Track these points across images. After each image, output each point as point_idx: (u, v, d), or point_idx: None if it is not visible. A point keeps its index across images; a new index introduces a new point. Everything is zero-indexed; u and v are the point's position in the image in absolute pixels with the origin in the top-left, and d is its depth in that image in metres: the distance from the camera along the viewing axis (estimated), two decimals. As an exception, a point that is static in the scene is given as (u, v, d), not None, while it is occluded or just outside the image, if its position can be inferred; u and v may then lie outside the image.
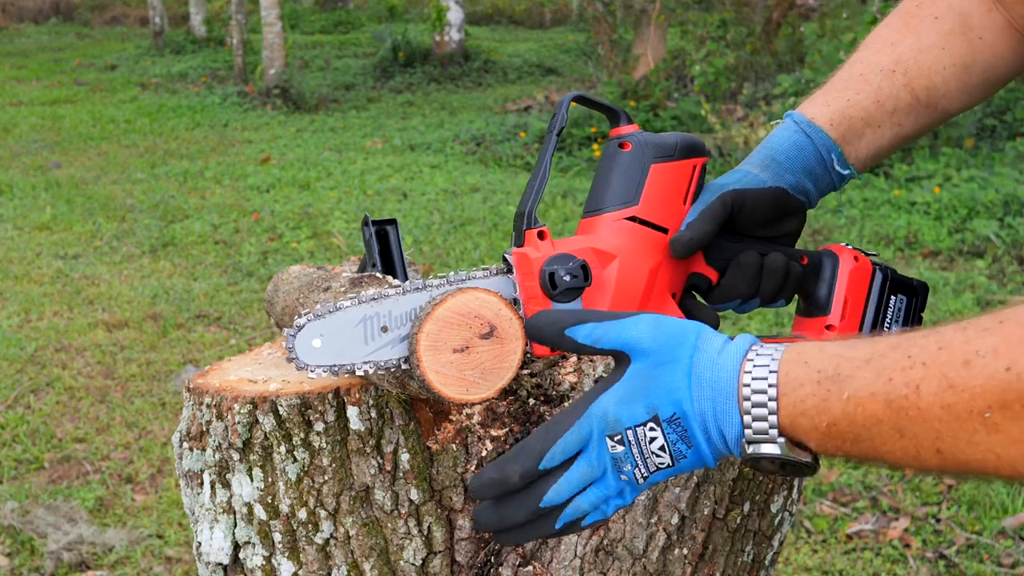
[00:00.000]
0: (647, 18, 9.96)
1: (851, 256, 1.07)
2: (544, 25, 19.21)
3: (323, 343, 0.92)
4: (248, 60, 12.55)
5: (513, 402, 1.17)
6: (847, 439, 0.75)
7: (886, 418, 0.72)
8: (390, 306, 0.93)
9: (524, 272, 0.94)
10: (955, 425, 0.68)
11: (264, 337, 4.75)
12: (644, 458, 0.84)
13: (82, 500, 3.35)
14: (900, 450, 0.72)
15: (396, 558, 1.14)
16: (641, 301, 0.97)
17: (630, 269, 0.96)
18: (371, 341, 0.93)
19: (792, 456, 0.78)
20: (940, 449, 0.70)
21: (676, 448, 0.83)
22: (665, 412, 0.81)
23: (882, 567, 2.97)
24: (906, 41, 1.15)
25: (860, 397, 0.73)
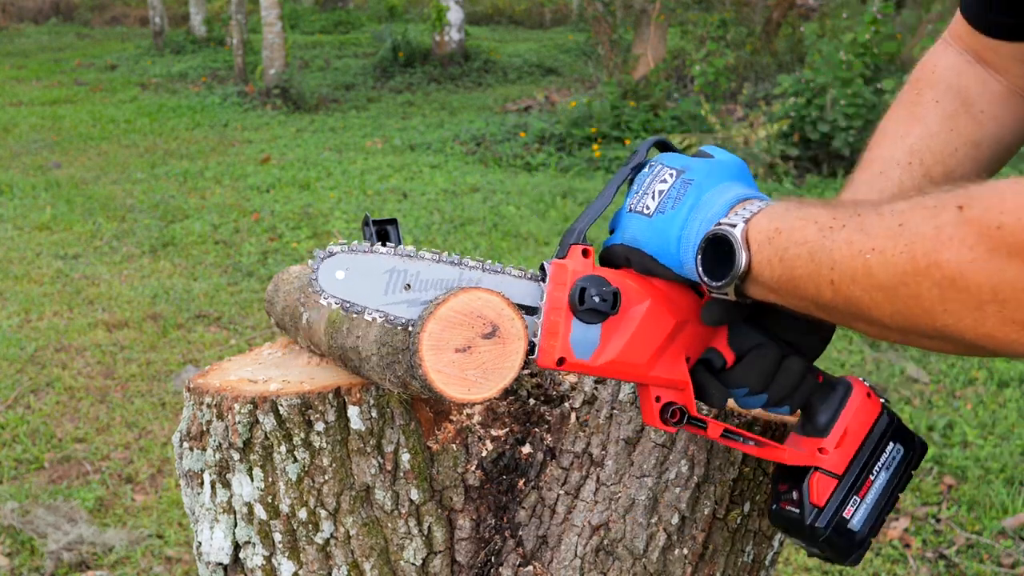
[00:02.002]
0: (647, 18, 9.96)
1: (864, 392, 1.07)
2: (544, 25, 19.20)
3: (346, 277, 0.93)
4: (248, 60, 12.54)
5: (513, 402, 1.17)
6: (777, 252, 0.85)
7: (810, 240, 0.82)
8: (420, 268, 0.94)
9: (557, 281, 0.94)
10: (848, 260, 0.78)
11: (264, 337, 4.75)
12: (643, 191, 0.96)
13: (82, 500, 3.35)
14: (807, 275, 0.82)
15: (396, 558, 1.14)
16: (656, 351, 0.97)
17: (656, 316, 0.96)
18: (390, 293, 0.94)
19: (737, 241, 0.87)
20: (833, 281, 0.80)
21: (664, 202, 0.94)
22: (688, 175, 0.94)
23: (882, 567, 2.97)
24: (915, 131, 1.17)
25: (806, 218, 0.84)
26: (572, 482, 1.17)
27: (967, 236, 0.71)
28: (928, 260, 0.73)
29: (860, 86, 7.54)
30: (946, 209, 0.73)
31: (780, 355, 1.02)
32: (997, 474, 3.40)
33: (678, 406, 0.99)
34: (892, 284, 0.76)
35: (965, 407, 3.90)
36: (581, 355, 0.94)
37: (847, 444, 1.05)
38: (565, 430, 1.17)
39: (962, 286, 0.71)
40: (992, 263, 0.69)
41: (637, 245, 0.96)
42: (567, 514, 1.16)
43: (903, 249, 0.75)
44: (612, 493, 1.16)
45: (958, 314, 0.73)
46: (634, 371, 0.97)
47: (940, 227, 0.73)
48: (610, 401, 1.17)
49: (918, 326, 0.77)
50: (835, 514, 1.04)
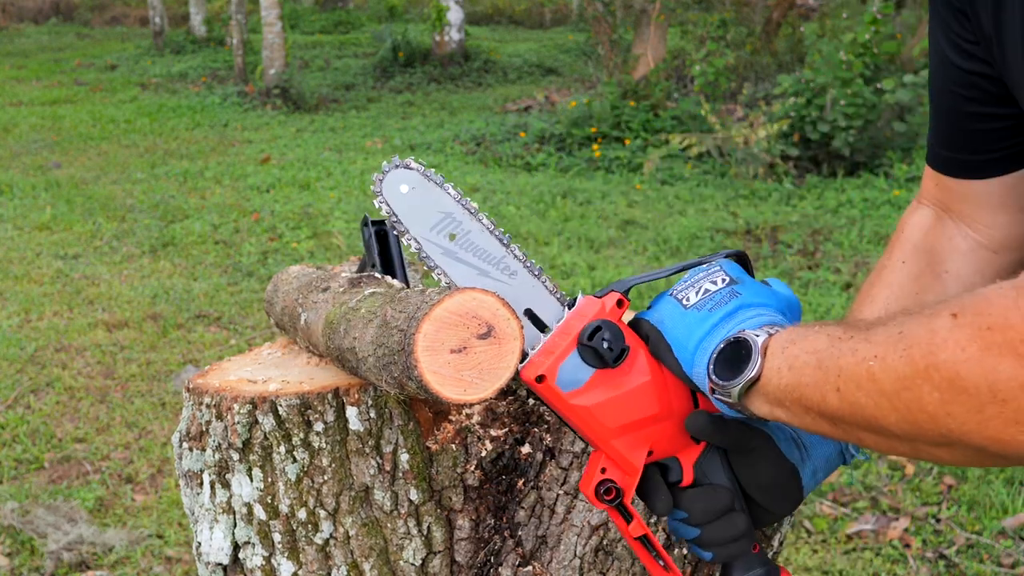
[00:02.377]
0: (647, 18, 9.96)
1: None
2: (544, 25, 19.20)
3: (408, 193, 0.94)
4: (248, 60, 12.55)
5: (513, 402, 1.17)
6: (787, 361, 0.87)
7: (820, 350, 0.85)
8: (472, 228, 0.95)
9: (581, 312, 0.95)
10: (853, 367, 0.81)
11: (264, 337, 4.75)
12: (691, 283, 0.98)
13: (82, 500, 3.35)
14: (813, 383, 0.84)
15: (396, 558, 1.14)
16: (628, 425, 0.96)
17: (647, 395, 0.96)
18: (434, 232, 0.95)
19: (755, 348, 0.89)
20: (839, 388, 0.82)
21: (705, 301, 0.95)
22: (739, 288, 0.97)
23: (882, 567, 2.97)
24: (883, 293, 1.19)
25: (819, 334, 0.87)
26: (571, 482, 1.17)
27: (960, 338, 0.73)
28: (926, 362, 0.75)
29: (860, 86, 7.53)
30: (940, 316, 0.76)
31: (731, 505, 1.00)
32: (997, 474, 3.40)
33: (616, 486, 0.98)
34: (895, 389, 0.77)
35: (965, 407, 3.89)
36: (561, 385, 0.94)
37: None
38: (564, 430, 1.17)
39: (960, 387, 0.73)
40: (986, 361, 0.71)
41: (661, 328, 0.96)
42: (566, 514, 1.16)
43: (902, 353, 0.77)
44: (611, 493, 1.16)
45: (961, 417, 0.74)
46: (598, 431, 0.96)
47: (935, 331, 0.75)
48: (609, 401, 1.17)
49: (924, 432, 0.78)
50: None
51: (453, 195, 0.94)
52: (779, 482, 1.02)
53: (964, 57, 1.05)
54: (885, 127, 7.67)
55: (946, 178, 1.18)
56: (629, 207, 6.88)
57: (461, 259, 0.94)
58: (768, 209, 6.74)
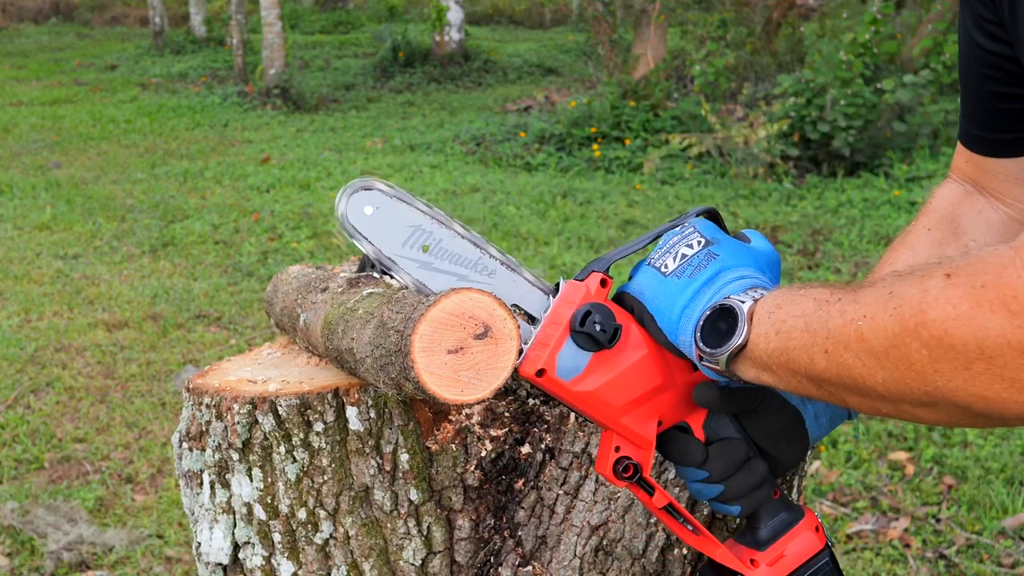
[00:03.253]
0: (647, 18, 9.96)
1: (813, 524, 1.06)
2: (544, 25, 19.20)
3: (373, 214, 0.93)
4: (248, 60, 12.55)
5: (512, 402, 1.17)
6: (774, 324, 0.87)
7: (807, 313, 0.85)
8: (444, 236, 0.94)
9: (567, 299, 0.95)
10: (841, 328, 0.81)
11: (264, 337, 4.75)
12: (667, 250, 0.97)
13: (82, 500, 3.35)
14: (802, 346, 0.84)
15: (396, 558, 1.14)
16: (634, 401, 0.96)
17: (647, 368, 0.96)
18: (406, 247, 0.94)
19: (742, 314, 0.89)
20: (827, 350, 0.82)
21: (683, 267, 0.95)
22: (716, 248, 0.96)
23: (882, 567, 2.97)
24: (903, 257, 1.19)
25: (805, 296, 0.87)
26: (571, 482, 1.17)
27: (951, 296, 0.74)
28: (916, 320, 0.75)
29: (860, 86, 7.54)
30: (933, 276, 0.76)
31: (748, 454, 1.01)
32: (997, 474, 3.40)
33: (633, 462, 0.98)
34: (883, 348, 0.78)
35: (965, 407, 3.89)
36: (562, 375, 0.93)
37: (780, 567, 1.04)
38: (564, 430, 1.18)
39: (948, 344, 0.74)
40: (976, 318, 0.72)
41: (642, 299, 0.96)
42: (566, 514, 1.16)
43: (891, 312, 0.77)
44: (611, 493, 1.16)
45: (948, 374, 0.75)
46: (605, 412, 0.96)
47: (926, 289, 0.76)
48: (609, 401, 1.17)
49: (910, 391, 0.78)
50: None
51: (419, 207, 0.94)
52: (785, 428, 1.04)
53: (988, 38, 1.06)
54: (885, 127, 7.67)
55: (976, 156, 1.18)
56: (629, 207, 6.88)
57: (438, 268, 0.94)
58: (768, 209, 6.74)
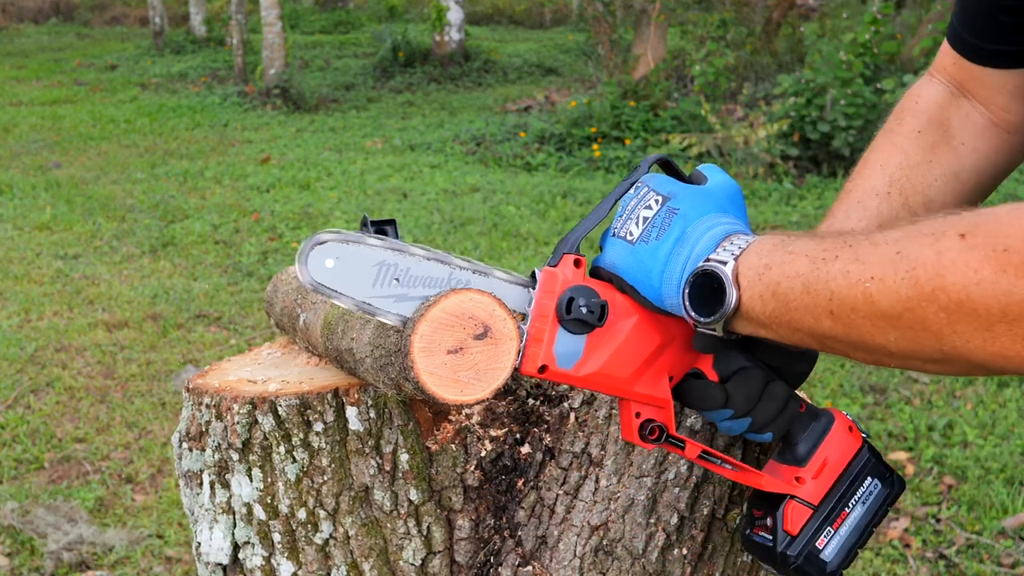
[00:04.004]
0: (647, 18, 9.96)
1: (846, 425, 1.07)
2: (544, 25, 19.20)
3: (336, 266, 0.92)
4: (248, 60, 12.55)
5: (512, 402, 1.17)
6: (769, 286, 0.86)
7: (803, 273, 0.83)
8: (410, 264, 0.94)
9: (546, 289, 0.94)
10: (846, 290, 0.79)
11: (264, 337, 4.75)
12: (628, 216, 0.95)
13: (82, 500, 3.35)
14: (803, 307, 0.83)
15: (395, 558, 1.14)
16: (640, 367, 0.96)
17: (643, 332, 0.96)
18: (378, 287, 0.93)
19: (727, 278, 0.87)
20: (832, 311, 0.81)
21: (649, 231, 0.93)
22: (675, 202, 0.93)
23: (882, 567, 2.97)
24: (895, 160, 1.18)
25: (796, 253, 0.85)
26: (571, 482, 1.17)
27: (971, 260, 0.72)
28: (933, 285, 0.74)
29: (860, 86, 7.54)
30: (946, 236, 0.74)
31: (765, 380, 1.01)
32: (997, 474, 3.40)
33: (657, 424, 0.98)
34: (896, 311, 0.76)
35: (965, 407, 3.90)
36: (564, 364, 0.93)
37: (825, 475, 1.05)
38: (564, 430, 1.18)
39: (970, 309, 0.72)
40: (1000, 283, 0.71)
41: (617, 272, 0.95)
42: (566, 514, 1.16)
43: (904, 276, 0.75)
44: (611, 493, 1.16)
45: (967, 335, 0.74)
46: (616, 385, 0.96)
47: (942, 252, 0.74)
48: (609, 401, 1.17)
49: (924, 349, 0.77)
50: (807, 543, 1.04)
51: (374, 243, 0.93)
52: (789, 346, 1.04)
53: None
54: (883, 129, 7.67)
55: (966, 61, 1.17)
56: (629, 207, 6.88)
57: (414, 296, 0.94)
58: (768, 209, 6.74)
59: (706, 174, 0.98)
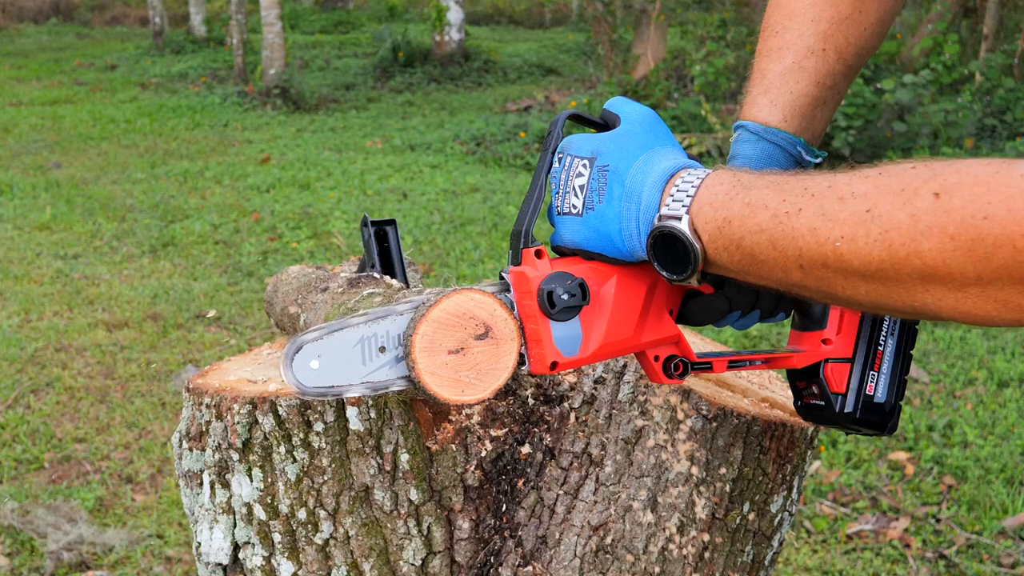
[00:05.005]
0: (647, 18, 9.95)
1: None
2: (544, 25, 19.20)
3: (320, 364, 0.92)
4: (248, 60, 12.55)
5: (513, 402, 1.17)
6: (733, 240, 0.84)
7: (767, 228, 0.81)
8: (388, 327, 0.93)
9: (522, 291, 0.94)
10: (815, 247, 0.78)
11: (264, 337, 4.75)
12: (565, 190, 0.94)
13: (82, 500, 3.35)
14: (771, 261, 0.82)
15: (396, 558, 1.14)
16: (638, 319, 0.97)
17: (627, 288, 0.96)
18: (369, 362, 0.93)
19: (688, 236, 0.86)
20: (802, 266, 0.80)
21: (590, 196, 0.92)
22: (602, 160, 0.92)
23: (882, 567, 2.97)
24: (825, 15, 1.16)
25: (755, 205, 0.83)
26: (571, 482, 1.17)
27: (948, 225, 0.70)
28: (907, 250, 0.73)
29: (860, 86, 7.54)
30: (919, 195, 0.72)
31: None
32: (997, 474, 3.40)
33: (679, 358, 1.00)
34: (869, 271, 0.76)
35: (965, 407, 3.90)
36: (570, 352, 0.94)
37: (847, 327, 1.06)
38: (565, 430, 1.17)
39: (944, 273, 0.72)
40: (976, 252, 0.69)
41: (578, 247, 0.95)
42: (566, 514, 1.16)
43: (877, 238, 0.74)
44: (612, 493, 1.16)
45: (939, 295, 0.73)
46: (625, 345, 0.97)
47: (916, 215, 0.72)
48: (609, 401, 1.17)
49: (894, 303, 0.77)
50: (859, 395, 1.06)
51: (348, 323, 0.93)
52: None
53: None
54: (885, 127, 7.67)
55: None
56: (629, 207, 6.88)
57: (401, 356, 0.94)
58: (768, 209, 6.74)
59: (616, 112, 0.97)
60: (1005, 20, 9.13)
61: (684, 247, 0.87)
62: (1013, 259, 0.68)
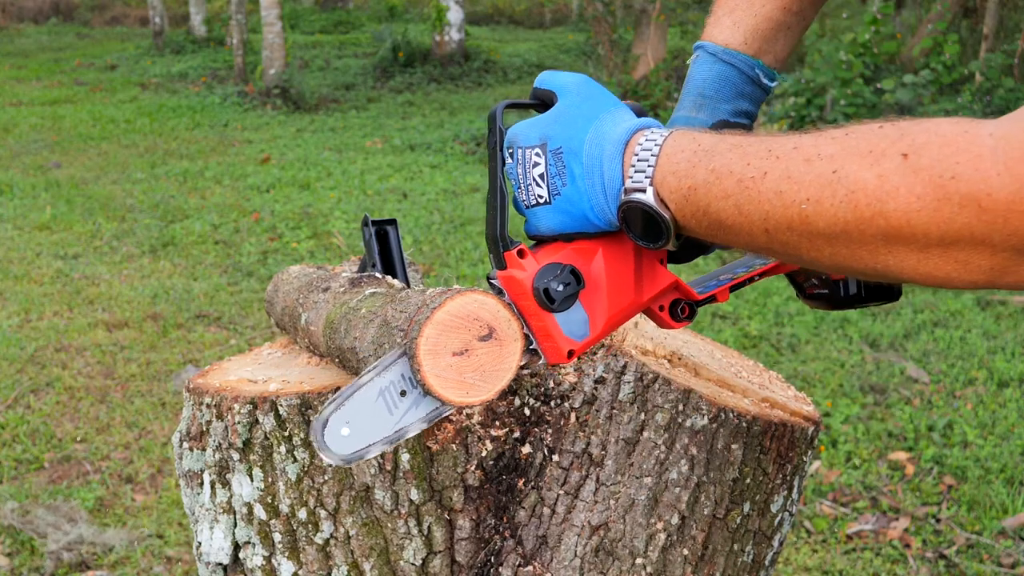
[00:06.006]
0: (647, 18, 9.95)
1: None
2: (544, 25, 19.20)
3: (351, 430, 0.92)
4: (248, 60, 12.54)
5: (513, 402, 1.17)
6: (699, 208, 0.84)
7: (733, 194, 0.80)
8: (399, 371, 0.93)
9: (516, 293, 0.94)
10: (781, 210, 0.77)
11: (264, 337, 4.75)
12: (526, 183, 0.93)
13: (82, 500, 3.35)
14: (737, 226, 0.81)
15: (396, 558, 1.14)
16: (634, 282, 0.97)
17: (615, 256, 0.96)
18: (393, 413, 0.93)
19: (656, 208, 0.85)
20: (768, 230, 0.79)
21: (553, 182, 0.91)
22: (553, 143, 0.91)
23: (882, 567, 2.97)
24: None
25: (720, 172, 0.82)
26: (572, 482, 1.17)
27: (915, 185, 0.70)
28: (872, 210, 0.72)
29: (860, 86, 7.54)
30: (886, 156, 0.72)
31: None
32: (997, 474, 3.40)
33: (683, 302, 1.02)
34: (833, 232, 0.75)
35: (965, 407, 3.90)
36: (582, 336, 0.95)
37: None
38: (565, 430, 1.18)
39: (908, 233, 0.72)
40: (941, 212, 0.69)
41: (555, 233, 0.94)
42: (567, 514, 1.16)
43: (844, 199, 0.74)
44: (612, 493, 1.16)
45: (901, 255, 0.74)
46: (631, 309, 0.98)
47: (883, 175, 0.72)
48: (610, 401, 1.17)
49: (857, 265, 0.77)
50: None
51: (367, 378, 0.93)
52: None
53: None
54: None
55: None
56: (629, 207, 6.88)
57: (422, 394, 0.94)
58: (768, 209, 6.74)
59: (549, 88, 0.96)
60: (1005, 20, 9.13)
61: (654, 219, 0.87)
62: (978, 219, 0.68)
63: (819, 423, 1.25)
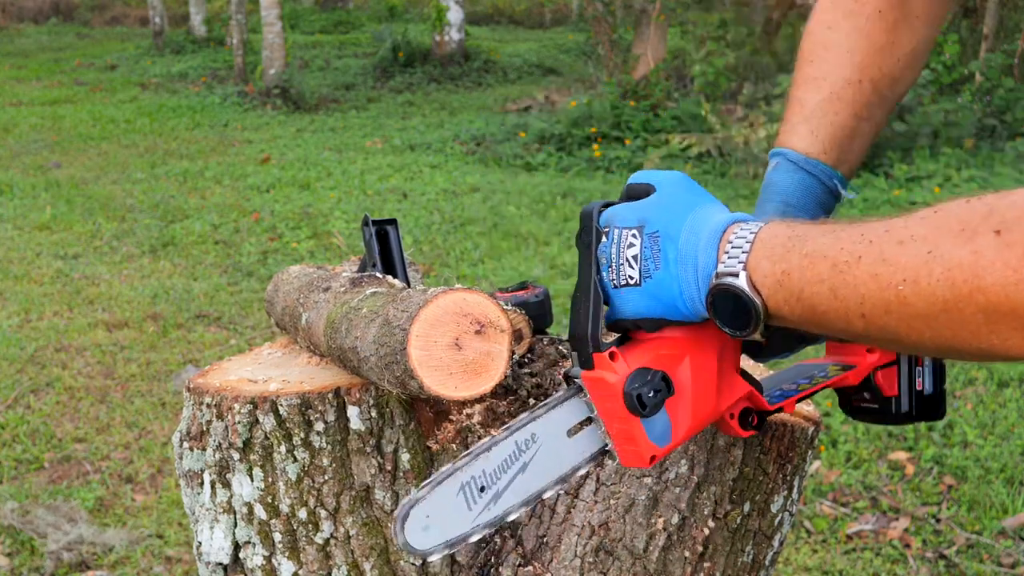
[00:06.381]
0: (647, 18, 9.96)
1: None
2: (544, 25, 19.21)
3: (430, 523, 0.91)
4: (248, 60, 12.55)
5: (513, 402, 1.17)
6: (793, 293, 0.83)
7: (827, 278, 0.81)
8: (483, 465, 0.92)
9: (603, 395, 0.93)
10: (877, 293, 0.77)
11: (264, 337, 4.75)
12: (618, 263, 0.92)
13: (82, 500, 3.35)
14: (832, 311, 0.81)
15: (396, 558, 1.14)
16: (715, 390, 0.96)
17: (701, 363, 0.95)
18: (474, 507, 0.92)
19: (747, 292, 0.85)
20: (864, 314, 0.79)
21: (646, 264, 0.90)
22: (651, 227, 0.91)
23: (882, 567, 2.97)
24: (860, 46, 1.18)
25: (814, 256, 0.82)
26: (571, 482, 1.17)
27: (1009, 259, 0.70)
28: (970, 287, 0.72)
29: (860, 86, 7.53)
30: (979, 233, 0.72)
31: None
32: (997, 474, 3.40)
33: (753, 411, 1.00)
34: (932, 313, 0.75)
35: (965, 407, 3.90)
36: (664, 443, 0.94)
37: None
38: (565, 430, 1.17)
39: (1008, 308, 0.71)
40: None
41: (642, 318, 0.93)
42: (567, 514, 1.16)
43: (940, 278, 0.74)
44: (612, 493, 1.16)
45: (1005, 334, 0.73)
46: (709, 418, 0.97)
47: (978, 251, 0.72)
48: (610, 401, 1.17)
49: (960, 346, 0.77)
50: (911, 393, 1.10)
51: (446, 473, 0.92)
52: None
53: None
54: (885, 127, 7.67)
55: None
56: (629, 207, 6.88)
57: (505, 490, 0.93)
58: (768, 209, 6.74)
59: (646, 181, 0.96)
60: (1005, 20, 9.13)
61: (744, 303, 0.86)
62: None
63: (819, 423, 1.25)
